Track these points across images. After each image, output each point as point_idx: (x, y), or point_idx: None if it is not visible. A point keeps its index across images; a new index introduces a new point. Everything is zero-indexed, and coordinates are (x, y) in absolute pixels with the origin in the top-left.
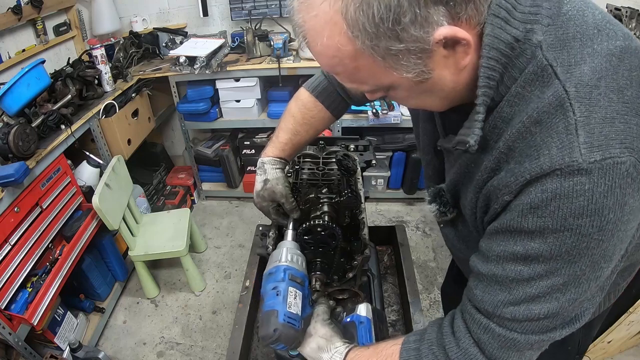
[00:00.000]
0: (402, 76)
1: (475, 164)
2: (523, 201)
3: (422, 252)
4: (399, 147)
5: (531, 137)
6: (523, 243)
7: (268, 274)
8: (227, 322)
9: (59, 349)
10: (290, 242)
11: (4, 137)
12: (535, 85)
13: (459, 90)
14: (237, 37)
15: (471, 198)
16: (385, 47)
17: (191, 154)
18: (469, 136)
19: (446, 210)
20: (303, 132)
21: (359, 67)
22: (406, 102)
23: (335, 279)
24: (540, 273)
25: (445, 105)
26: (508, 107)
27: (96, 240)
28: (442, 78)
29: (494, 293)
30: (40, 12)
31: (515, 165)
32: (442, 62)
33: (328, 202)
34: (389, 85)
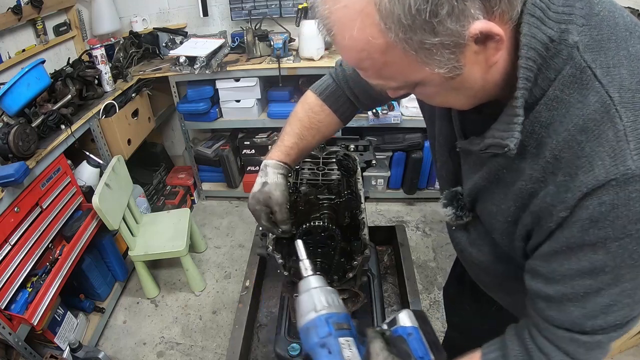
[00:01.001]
0: (434, 72)
1: (508, 170)
2: (582, 216)
3: (422, 252)
4: (399, 147)
5: (579, 147)
6: (587, 257)
7: (306, 329)
8: (227, 322)
9: (59, 349)
10: (315, 280)
11: (4, 137)
12: (574, 88)
13: (487, 89)
14: (237, 37)
15: (509, 206)
16: (419, 41)
17: (191, 154)
18: (508, 139)
19: (462, 214)
20: (309, 136)
21: (388, 62)
22: (431, 100)
23: (335, 279)
24: (608, 282)
25: (471, 103)
26: (546, 112)
27: (96, 240)
28: (472, 74)
29: (569, 312)
30: (40, 12)
31: (567, 178)
32: (473, 57)
33: (328, 203)
34: (418, 82)
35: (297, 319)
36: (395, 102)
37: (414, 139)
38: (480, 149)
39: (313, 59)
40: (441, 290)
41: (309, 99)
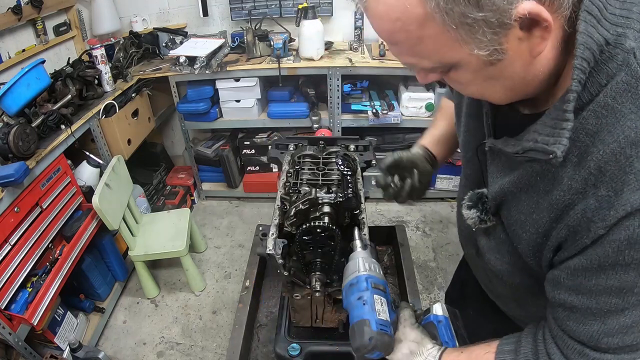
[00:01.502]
0: (472, 53)
1: (543, 178)
2: (620, 237)
3: (422, 252)
4: (399, 147)
5: (627, 161)
6: (617, 277)
7: (349, 285)
8: (227, 322)
9: (59, 349)
10: (363, 252)
11: (4, 137)
12: (628, 97)
13: (528, 83)
14: (237, 37)
15: (541, 217)
16: (461, 14)
17: (191, 154)
18: (555, 145)
19: (487, 218)
20: (442, 125)
21: (423, 37)
22: (465, 88)
23: (335, 279)
24: (634, 303)
25: (508, 97)
26: (594, 119)
27: (96, 240)
28: (513, 63)
29: (588, 324)
30: (40, 12)
31: (610, 194)
32: (516, 44)
33: (328, 202)
34: (454, 64)
35: (343, 280)
36: (395, 102)
37: (414, 139)
38: (516, 151)
39: (313, 59)
40: (441, 290)
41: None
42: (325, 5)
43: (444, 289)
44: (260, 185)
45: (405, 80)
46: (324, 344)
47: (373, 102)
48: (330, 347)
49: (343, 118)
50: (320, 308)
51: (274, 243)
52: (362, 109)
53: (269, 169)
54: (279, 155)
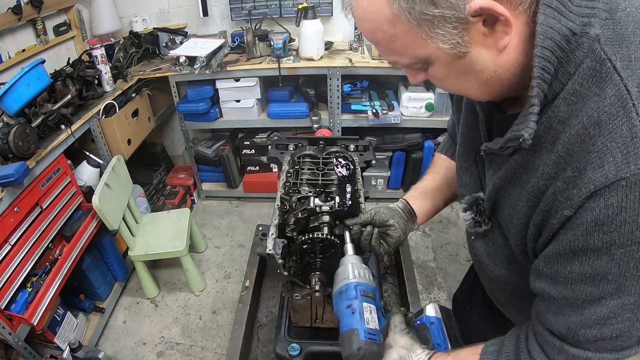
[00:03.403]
0: (438, 47)
1: (525, 167)
2: (586, 218)
3: (422, 252)
4: (399, 147)
5: (591, 141)
6: (590, 262)
7: (338, 293)
8: (227, 322)
9: (59, 349)
10: (354, 257)
11: (4, 137)
12: (593, 81)
13: (501, 78)
14: (237, 37)
15: (522, 207)
16: (420, 11)
17: (191, 154)
18: (524, 130)
19: (481, 220)
20: (429, 178)
21: (396, 35)
22: (444, 84)
23: None
24: (610, 292)
25: (485, 92)
26: (565, 106)
27: (96, 240)
28: (480, 56)
29: (566, 315)
30: (40, 12)
31: (575, 174)
32: (481, 39)
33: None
34: (426, 59)
35: (333, 287)
36: (395, 102)
37: (414, 139)
38: (500, 146)
39: (313, 59)
40: (441, 290)
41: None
42: (325, 5)
43: (444, 288)
44: (260, 185)
45: (405, 80)
46: (324, 344)
47: (373, 102)
48: (330, 347)
49: (343, 118)
50: (320, 308)
51: (274, 243)
52: (362, 109)
53: (269, 169)
54: (279, 155)
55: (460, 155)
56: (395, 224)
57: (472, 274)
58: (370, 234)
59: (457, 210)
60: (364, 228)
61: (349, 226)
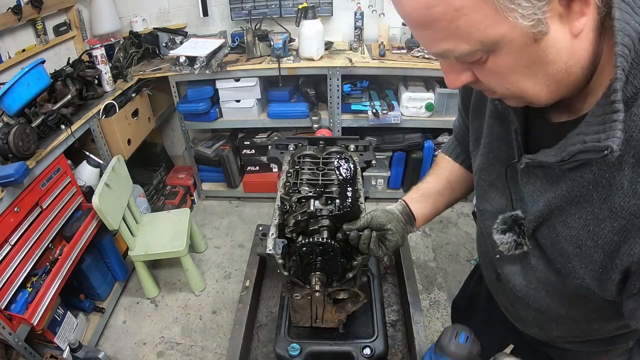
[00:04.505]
0: (517, 22)
1: (597, 184)
2: None
3: (422, 252)
4: (399, 147)
5: None
6: None
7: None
8: (227, 322)
9: (59, 349)
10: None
11: (4, 137)
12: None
13: (570, 72)
14: (237, 37)
15: (602, 228)
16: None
17: (191, 154)
18: (609, 140)
19: (524, 242)
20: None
21: (463, 8)
22: (505, 80)
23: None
24: None
25: (550, 91)
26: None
27: (96, 240)
28: (557, 42)
29: None
30: (40, 12)
31: None
32: (557, 20)
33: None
34: (495, 42)
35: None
36: (395, 102)
37: (414, 139)
38: (562, 158)
39: (313, 59)
40: (441, 290)
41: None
42: (325, 5)
43: (444, 288)
44: (260, 185)
45: (405, 80)
46: (324, 344)
47: (373, 102)
48: (330, 347)
49: (343, 118)
50: (320, 308)
51: (274, 243)
52: (362, 109)
53: (269, 169)
54: (279, 155)
55: (484, 168)
56: (392, 228)
57: (472, 280)
58: (368, 237)
59: (457, 210)
60: (362, 232)
61: (346, 231)
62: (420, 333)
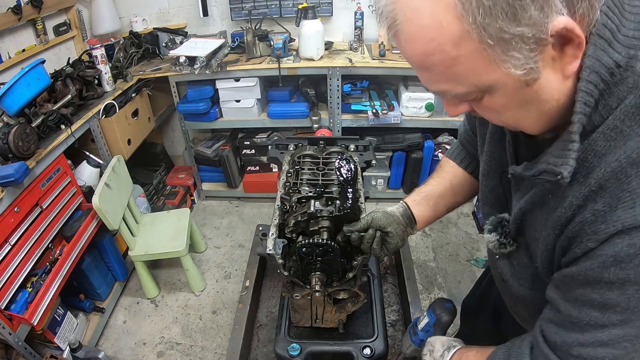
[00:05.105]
0: (509, 72)
1: (553, 194)
2: (607, 252)
3: (422, 252)
4: (399, 147)
5: (627, 180)
6: (601, 292)
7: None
8: (227, 322)
9: (59, 349)
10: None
11: (4, 137)
12: (636, 120)
13: (560, 106)
14: (237, 37)
15: (547, 233)
16: (498, 29)
17: (191, 154)
18: (562, 166)
19: (506, 242)
20: (434, 183)
21: (459, 57)
22: (500, 116)
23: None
24: (614, 322)
25: (543, 124)
26: (603, 141)
27: (96, 240)
28: (548, 85)
29: (567, 330)
30: (40, 12)
31: (605, 209)
32: (550, 64)
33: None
34: (489, 86)
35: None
36: (395, 102)
37: (414, 139)
38: (532, 174)
39: (313, 59)
40: (441, 290)
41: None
42: (325, 5)
43: (444, 288)
44: (260, 185)
45: (405, 80)
46: (324, 344)
47: (373, 102)
48: (330, 347)
49: (343, 118)
50: (320, 308)
51: (274, 243)
52: (362, 109)
53: (269, 169)
54: (279, 155)
55: (486, 173)
56: (393, 231)
57: (483, 281)
58: (372, 237)
59: (458, 210)
60: (364, 233)
61: (347, 233)
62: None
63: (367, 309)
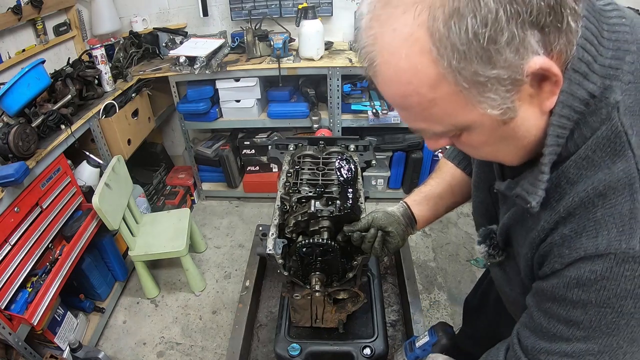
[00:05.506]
0: (485, 113)
1: (531, 215)
2: (571, 275)
3: (422, 252)
4: (399, 147)
5: (593, 209)
6: (565, 309)
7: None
8: (227, 322)
9: (59, 349)
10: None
11: (4, 137)
12: (607, 151)
13: (538, 140)
14: (237, 37)
15: (526, 252)
16: (474, 72)
17: (191, 154)
18: (531, 196)
19: (495, 253)
20: (434, 183)
21: (435, 99)
22: (478, 151)
23: (335, 279)
24: (578, 337)
25: (521, 157)
26: (575, 169)
27: (96, 240)
28: (525, 122)
29: (538, 337)
30: (40, 12)
31: (572, 235)
32: (528, 101)
33: (327, 216)
34: (467, 125)
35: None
36: None
37: (414, 139)
38: (512, 194)
39: (313, 59)
40: (441, 290)
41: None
42: (325, 5)
43: (444, 288)
44: (260, 185)
45: None
46: (324, 344)
47: (373, 102)
48: (330, 347)
49: (343, 118)
50: (320, 308)
51: (274, 243)
52: (362, 109)
53: (269, 169)
54: (279, 155)
55: (476, 185)
56: (393, 231)
57: (485, 280)
58: (374, 236)
59: (457, 210)
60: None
61: (347, 233)
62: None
63: (367, 309)
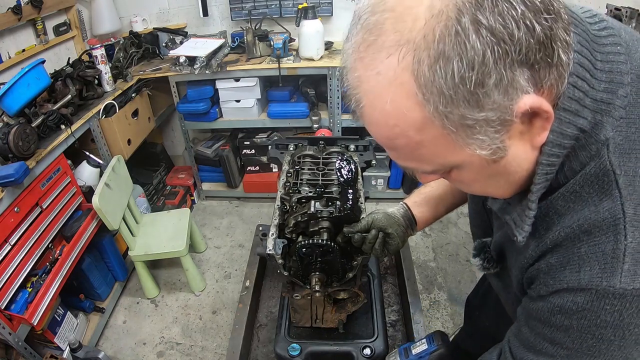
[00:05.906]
0: (475, 153)
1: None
2: (555, 302)
3: (422, 252)
4: None
5: (578, 244)
6: (549, 330)
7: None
8: (227, 322)
9: (59, 349)
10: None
11: (4, 137)
12: (594, 188)
13: (530, 175)
14: (237, 37)
15: (517, 274)
16: (461, 116)
17: (191, 154)
18: (518, 230)
19: (490, 266)
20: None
21: (423, 141)
22: (468, 187)
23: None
24: (562, 355)
25: (511, 191)
26: (563, 202)
27: (96, 240)
28: (516, 158)
29: (526, 349)
30: (40, 12)
31: (557, 265)
32: (518, 137)
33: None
34: (456, 165)
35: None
36: None
37: None
38: (502, 217)
39: (313, 59)
40: (441, 290)
41: None
42: (325, 5)
43: (444, 288)
44: (260, 185)
45: None
46: (324, 344)
47: None
48: (330, 347)
49: (343, 118)
50: (320, 308)
51: (274, 243)
52: None
53: (269, 169)
54: (279, 155)
55: (472, 197)
56: (393, 232)
57: (486, 280)
58: (375, 237)
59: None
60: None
61: (347, 234)
62: (420, 333)
63: (367, 309)
